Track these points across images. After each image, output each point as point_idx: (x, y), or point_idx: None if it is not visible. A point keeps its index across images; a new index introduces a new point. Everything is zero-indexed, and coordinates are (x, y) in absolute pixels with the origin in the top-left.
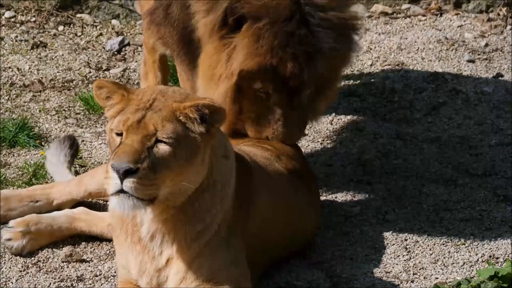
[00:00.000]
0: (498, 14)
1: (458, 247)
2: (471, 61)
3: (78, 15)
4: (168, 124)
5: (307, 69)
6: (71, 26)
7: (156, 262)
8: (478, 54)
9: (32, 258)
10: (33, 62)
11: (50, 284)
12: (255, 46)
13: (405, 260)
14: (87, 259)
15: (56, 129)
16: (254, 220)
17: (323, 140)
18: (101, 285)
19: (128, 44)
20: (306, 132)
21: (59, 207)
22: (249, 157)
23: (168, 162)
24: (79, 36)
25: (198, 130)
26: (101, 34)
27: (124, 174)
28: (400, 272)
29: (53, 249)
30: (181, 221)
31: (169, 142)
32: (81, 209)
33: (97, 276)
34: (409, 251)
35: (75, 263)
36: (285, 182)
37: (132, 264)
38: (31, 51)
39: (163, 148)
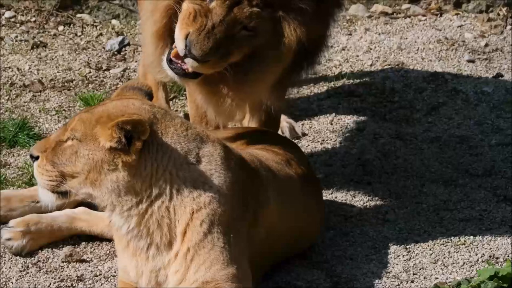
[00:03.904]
0: (498, 14)
1: (458, 247)
2: (471, 61)
3: (78, 15)
4: (79, 123)
5: None
6: (71, 26)
7: (151, 263)
8: (478, 54)
9: (32, 258)
10: (33, 62)
11: (50, 284)
12: None
13: (405, 260)
14: (87, 259)
15: (56, 129)
16: (263, 224)
17: (323, 140)
18: (101, 285)
19: (128, 44)
20: (306, 132)
21: (60, 208)
22: (261, 161)
23: (70, 159)
24: (79, 36)
25: (102, 144)
26: (101, 34)
27: (31, 159)
28: (400, 272)
29: (53, 249)
30: (148, 227)
31: (72, 138)
32: (81, 209)
33: (97, 276)
34: (409, 251)
35: (75, 263)
36: (295, 187)
37: (129, 267)
38: (31, 51)
39: (67, 143)
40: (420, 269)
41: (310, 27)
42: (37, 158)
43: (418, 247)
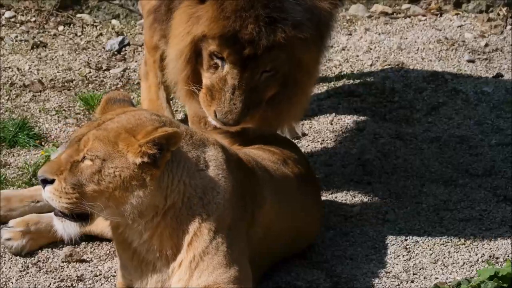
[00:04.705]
0: (498, 14)
1: (458, 247)
2: (471, 61)
3: (78, 15)
4: (97, 142)
5: (265, 32)
6: (71, 26)
7: (158, 274)
8: (478, 54)
9: (32, 258)
10: (33, 62)
11: (50, 284)
12: (220, 10)
13: (405, 260)
14: (87, 259)
15: (56, 129)
16: (260, 223)
17: (323, 140)
18: (101, 285)
19: (128, 44)
20: (306, 132)
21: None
22: (256, 161)
23: (91, 179)
24: (79, 36)
25: (133, 161)
26: (101, 34)
27: (43, 184)
28: (400, 272)
29: (53, 249)
30: (160, 241)
31: (91, 158)
32: None
33: (97, 276)
34: (409, 251)
35: (75, 263)
36: (292, 186)
37: (133, 275)
38: (31, 51)
39: (86, 164)
40: (420, 269)
41: (315, 45)
42: (51, 181)
43: (418, 247)
